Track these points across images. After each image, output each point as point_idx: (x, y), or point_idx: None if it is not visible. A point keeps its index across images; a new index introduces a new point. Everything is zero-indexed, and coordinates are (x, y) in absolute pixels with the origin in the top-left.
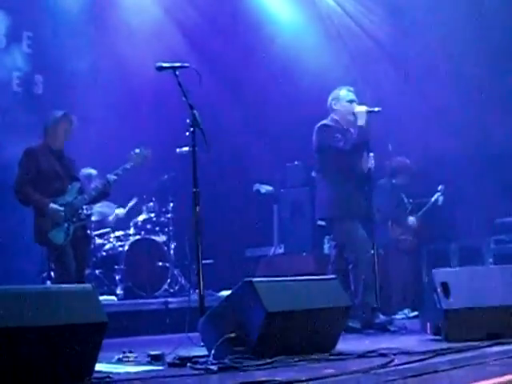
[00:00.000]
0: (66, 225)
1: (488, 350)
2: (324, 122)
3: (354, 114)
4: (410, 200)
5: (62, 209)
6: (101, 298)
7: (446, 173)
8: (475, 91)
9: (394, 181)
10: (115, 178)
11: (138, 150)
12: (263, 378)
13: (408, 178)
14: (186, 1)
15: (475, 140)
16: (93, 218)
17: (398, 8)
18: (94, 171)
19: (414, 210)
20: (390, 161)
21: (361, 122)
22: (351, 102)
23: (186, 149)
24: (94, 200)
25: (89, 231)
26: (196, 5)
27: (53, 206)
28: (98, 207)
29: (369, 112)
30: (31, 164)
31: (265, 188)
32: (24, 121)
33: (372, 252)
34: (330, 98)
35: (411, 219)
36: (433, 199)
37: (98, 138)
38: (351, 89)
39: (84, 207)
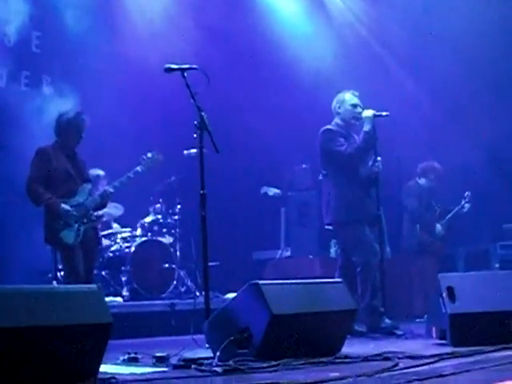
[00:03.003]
0: (76, 225)
1: (493, 354)
2: (327, 126)
3: (357, 118)
4: (438, 205)
5: (73, 210)
6: (107, 299)
7: (454, 178)
8: (485, 97)
9: (421, 182)
10: (112, 191)
11: (150, 154)
12: (268, 381)
13: (435, 181)
14: (195, 4)
15: (483, 145)
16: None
17: (410, 13)
18: (101, 172)
19: (441, 215)
20: (421, 163)
21: (366, 127)
22: (355, 106)
23: (194, 151)
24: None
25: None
26: (207, 8)
27: (64, 206)
28: (106, 208)
29: (376, 116)
30: (43, 164)
31: (272, 191)
32: (33, 121)
33: (379, 256)
34: (334, 102)
35: (438, 228)
36: (458, 207)
37: (105, 139)
38: (356, 93)
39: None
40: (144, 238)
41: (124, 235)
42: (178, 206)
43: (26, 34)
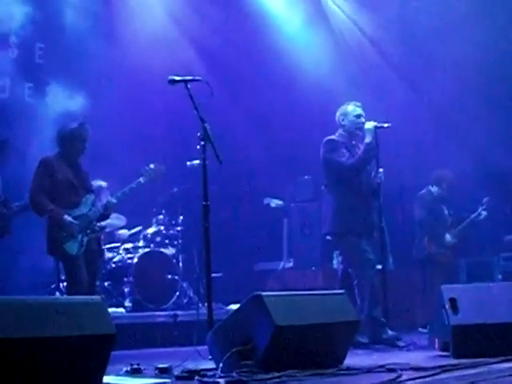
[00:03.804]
0: (80, 236)
1: (496, 366)
2: (331, 137)
3: (361, 128)
4: (451, 212)
5: (76, 222)
6: (109, 310)
7: (456, 188)
8: (486, 107)
9: (433, 190)
10: (115, 201)
11: (152, 166)
12: None
13: (447, 189)
14: (197, 13)
15: (485, 156)
16: None
17: (409, 24)
18: (104, 183)
19: (454, 223)
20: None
21: (368, 138)
22: (358, 116)
23: (197, 162)
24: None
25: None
26: (205, 16)
27: (67, 217)
28: (108, 219)
29: (378, 128)
30: (46, 174)
31: (275, 202)
32: (36, 132)
33: (379, 267)
34: (338, 114)
35: (448, 237)
36: (475, 214)
37: (108, 150)
38: (359, 104)
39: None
40: (147, 249)
41: (126, 246)
42: (181, 217)
43: (29, 46)
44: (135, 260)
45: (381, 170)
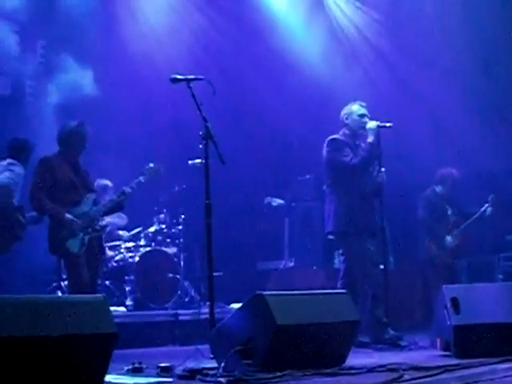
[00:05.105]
0: (81, 235)
1: (497, 366)
2: (334, 136)
3: (365, 128)
4: (455, 210)
5: (77, 220)
6: (110, 308)
7: (457, 188)
8: (485, 107)
9: (437, 189)
10: (130, 190)
11: (151, 165)
12: None
13: (451, 188)
14: (202, 14)
15: (485, 156)
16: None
17: (409, 25)
18: (109, 183)
19: (457, 222)
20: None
21: (370, 138)
22: (362, 116)
23: (198, 161)
24: (109, 211)
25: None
26: (211, 19)
27: (68, 216)
28: (109, 217)
29: (380, 127)
30: (46, 173)
31: (276, 201)
32: (38, 131)
33: (382, 267)
34: (342, 113)
35: (448, 239)
36: (481, 210)
37: (110, 150)
38: (363, 104)
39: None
40: (148, 248)
41: (128, 245)
42: (182, 216)
43: (31, 44)
44: (137, 259)
45: (383, 169)
